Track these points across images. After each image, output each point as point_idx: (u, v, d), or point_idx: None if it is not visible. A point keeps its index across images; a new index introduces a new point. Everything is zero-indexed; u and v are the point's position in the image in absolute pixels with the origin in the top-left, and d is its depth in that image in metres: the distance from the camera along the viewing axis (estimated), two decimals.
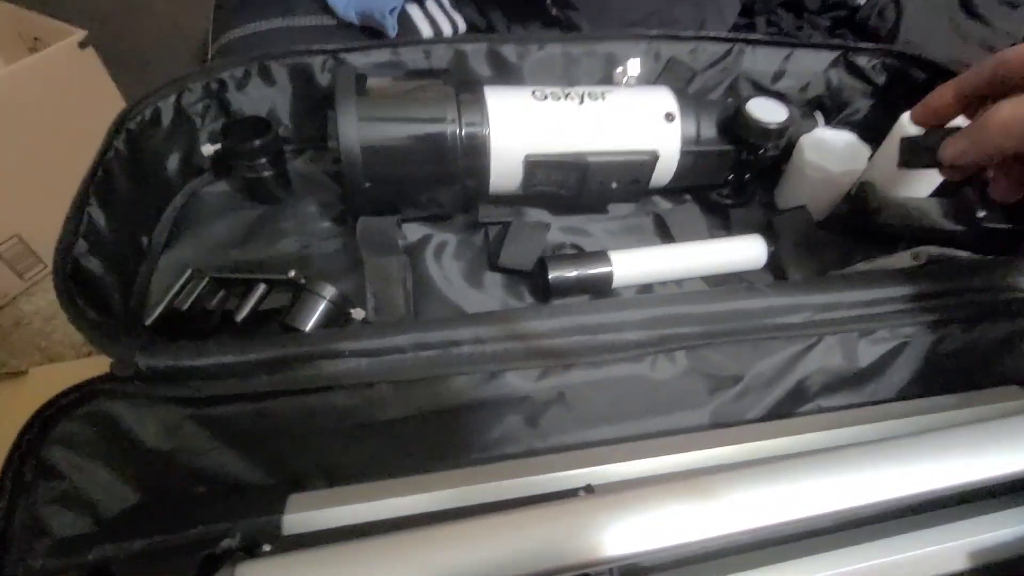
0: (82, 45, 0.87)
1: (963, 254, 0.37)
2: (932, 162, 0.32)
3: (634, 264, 0.39)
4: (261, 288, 0.34)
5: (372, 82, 0.38)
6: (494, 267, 0.40)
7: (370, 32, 0.64)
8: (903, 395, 0.34)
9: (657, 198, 0.47)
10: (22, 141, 0.84)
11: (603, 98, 0.41)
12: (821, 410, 0.33)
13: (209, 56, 0.64)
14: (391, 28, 0.61)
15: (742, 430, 0.30)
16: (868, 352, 0.33)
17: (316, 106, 0.44)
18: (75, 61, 0.88)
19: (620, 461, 0.28)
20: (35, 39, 0.95)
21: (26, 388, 0.55)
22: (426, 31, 0.62)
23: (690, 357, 0.32)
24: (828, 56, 0.49)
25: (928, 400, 0.32)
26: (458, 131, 0.38)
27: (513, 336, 0.30)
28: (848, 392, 0.34)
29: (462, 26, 0.65)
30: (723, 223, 0.45)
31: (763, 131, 0.41)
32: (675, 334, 0.31)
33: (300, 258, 0.40)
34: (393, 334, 0.29)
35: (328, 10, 0.65)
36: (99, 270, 0.31)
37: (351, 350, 0.29)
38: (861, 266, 0.40)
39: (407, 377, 0.29)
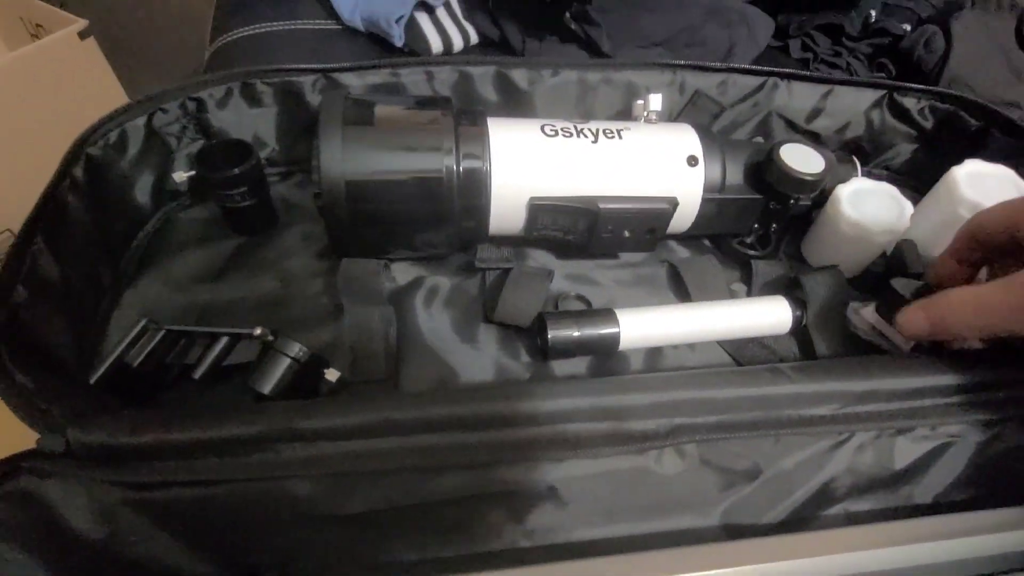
0: (83, 35, 0.84)
1: None
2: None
3: (643, 325, 0.35)
4: (224, 341, 0.30)
5: (363, 108, 0.34)
6: (489, 320, 0.36)
7: (376, 40, 0.60)
8: (942, 500, 0.30)
9: (673, 244, 0.43)
10: (18, 130, 0.81)
11: (620, 136, 0.37)
12: (848, 516, 0.29)
13: (205, 58, 0.61)
14: (397, 38, 0.57)
15: (757, 545, 0.26)
16: (906, 452, 0.29)
17: (305, 128, 0.41)
18: (75, 51, 0.85)
19: None
20: (37, 26, 0.92)
21: None
22: (435, 42, 0.58)
23: (702, 449, 0.28)
24: (871, 95, 0.44)
25: (976, 516, 0.27)
26: (455, 167, 0.34)
27: (500, 422, 0.26)
28: (880, 495, 0.30)
29: (474, 37, 0.61)
30: (744, 276, 0.41)
31: (797, 182, 0.36)
32: (687, 424, 0.28)
33: (278, 300, 0.36)
34: (361, 413, 0.25)
35: (333, 14, 0.62)
36: (44, 320, 0.28)
37: (313, 430, 0.25)
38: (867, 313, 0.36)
39: (378, 468, 0.25)
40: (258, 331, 0.29)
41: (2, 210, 0.84)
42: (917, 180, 0.46)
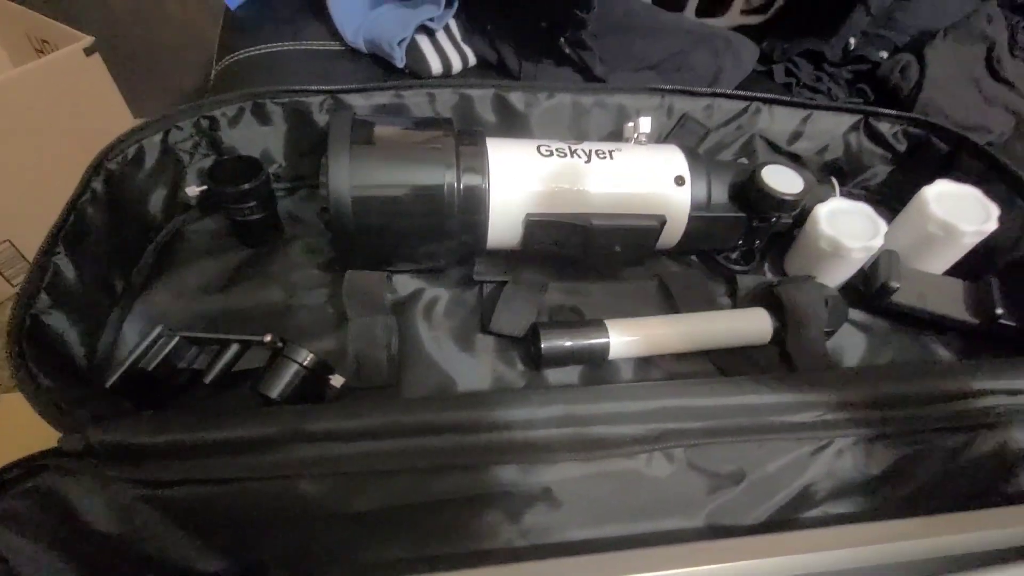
0: (88, 52, 0.86)
1: None
2: None
3: (632, 335, 0.37)
4: (234, 348, 0.31)
5: (369, 128, 0.36)
6: (486, 330, 0.38)
7: (378, 60, 0.62)
8: (917, 504, 0.32)
9: (664, 259, 0.45)
10: (21, 145, 0.83)
11: (611, 157, 0.39)
12: (827, 517, 0.31)
13: (212, 76, 0.63)
14: (399, 60, 0.59)
15: (739, 544, 0.27)
16: (882, 457, 0.31)
17: (313, 145, 0.43)
18: (81, 67, 0.86)
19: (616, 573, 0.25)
20: (43, 41, 0.94)
21: None
22: (435, 64, 0.61)
23: (689, 453, 0.30)
24: (848, 119, 0.47)
25: (947, 519, 0.29)
26: (456, 184, 0.36)
27: (498, 426, 0.28)
28: (858, 498, 0.31)
29: (472, 59, 0.63)
30: (729, 289, 0.43)
31: (777, 201, 0.39)
32: (675, 429, 0.29)
33: (284, 309, 0.38)
34: (368, 416, 0.27)
35: (337, 36, 0.64)
36: (62, 325, 0.29)
37: (323, 432, 0.27)
38: None
39: (381, 468, 0.27)
40: (268, 338, 0.30)
41: (4, 222, 0.85)
42: (893, 200, 0.49)
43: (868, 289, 0.41)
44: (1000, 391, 0.31)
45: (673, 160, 0.40)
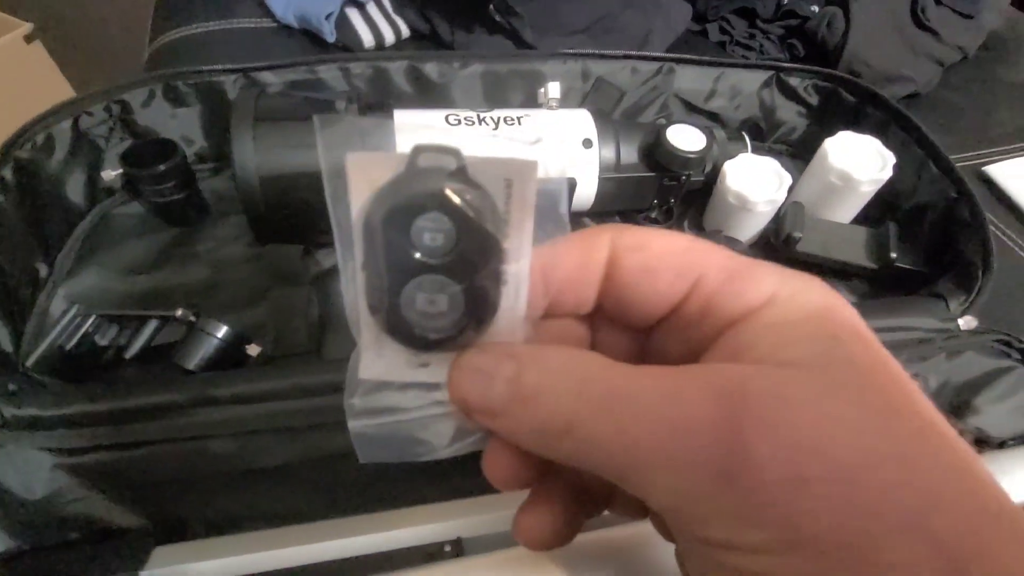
0: (28, 39, 0.85)
1: None
2: None
3: None
4: (153, 324, 0.33)
5: (274, 106, 0.37)
6: None
7: (310, 36, 0.62)
8: None
9: (585, 220, 0.46)
10: None
11: (519, 123, 0.40)
12: None
13: (144, 58, 0.63)
14: (328, 34, 0.59)
15: None
16: None
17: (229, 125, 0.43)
18: (22, 55, 0.85)
19: (492, 511, 0.28)
20: None
21: None
22: (366, 36, 0.61)
23: None
24: (761, 76, 0.48)
25: None
26: None
27: None
28: None
29: (405, 31, 0.63)
30: None
31: (681, 159, 0.40)
32: None
33: (210, 285, 0.39)
34: (272, 380, 0.29)
35: (268, 13, 0.64)
36: None
37: (229, 396, 0.28)
38: None
39: (288, 425, 0.29)
40: (179, 312, 0.32)
41: None
42: (810, 153, 0.50)
43: (776, 240, 0.43)
44: (885, 329, 0.33)
45: (581, 123, 0.41)
